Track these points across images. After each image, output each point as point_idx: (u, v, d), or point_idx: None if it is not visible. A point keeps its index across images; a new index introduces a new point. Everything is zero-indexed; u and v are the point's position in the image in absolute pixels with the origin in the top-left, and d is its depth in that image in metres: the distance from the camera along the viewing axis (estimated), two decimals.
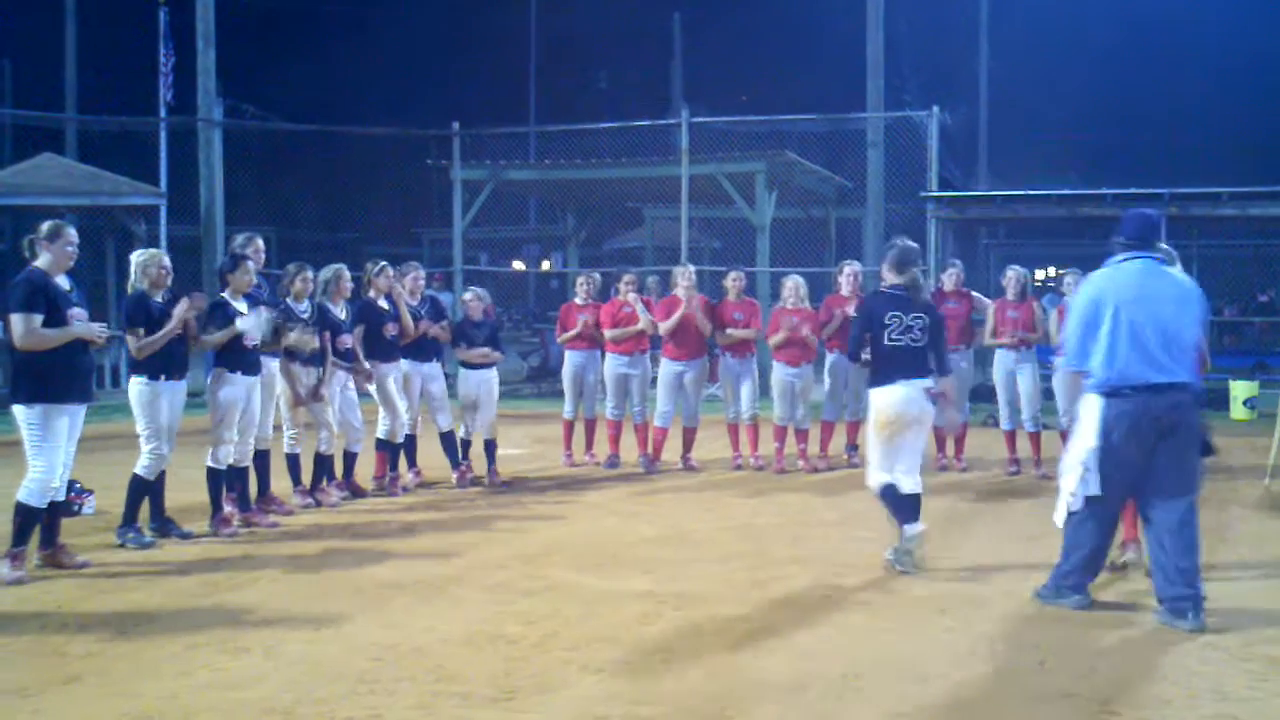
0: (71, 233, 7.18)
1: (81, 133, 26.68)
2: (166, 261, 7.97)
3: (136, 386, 7.77)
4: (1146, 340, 6.08)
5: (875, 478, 7.46)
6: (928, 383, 7.38)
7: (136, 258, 7.97)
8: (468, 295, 10.86)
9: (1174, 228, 15.79)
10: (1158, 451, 6.10)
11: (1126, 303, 6.15)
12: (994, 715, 4.86)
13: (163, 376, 7.76)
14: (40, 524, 7.09)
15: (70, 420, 7.07)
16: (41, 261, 7.07)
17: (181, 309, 7.78)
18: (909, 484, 7.38)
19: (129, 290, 7.85)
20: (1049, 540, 8.13)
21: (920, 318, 7.41)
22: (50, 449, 6.94)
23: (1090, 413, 6.24)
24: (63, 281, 7.12)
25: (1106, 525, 6.41)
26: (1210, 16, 32.54)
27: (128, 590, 6.77)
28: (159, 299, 7.81)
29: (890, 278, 7.56)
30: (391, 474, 10.00)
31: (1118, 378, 6.12)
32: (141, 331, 7.68)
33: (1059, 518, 6.49)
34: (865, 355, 7.51)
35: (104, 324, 7.29)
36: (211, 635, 5.84)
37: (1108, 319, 6.15)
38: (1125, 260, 6.34)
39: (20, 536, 6.96)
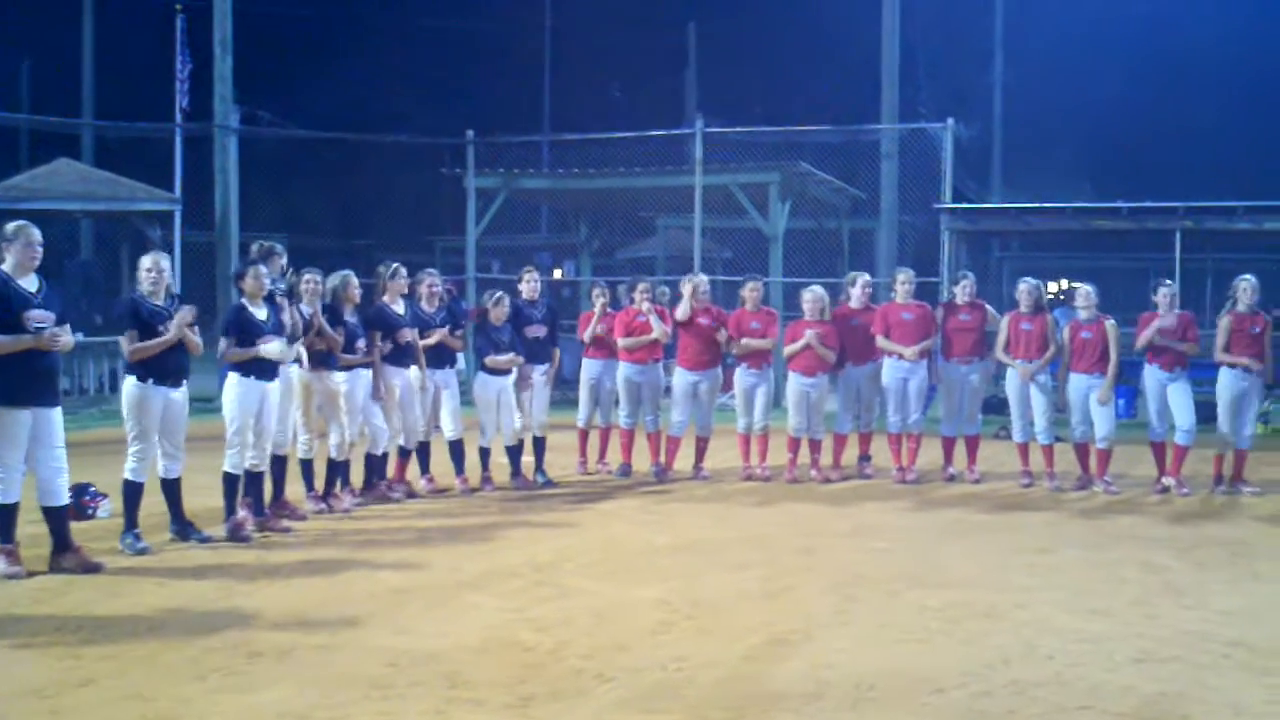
0: (34, 233, 7.09)
1: (98, 138, 26.84)
2: (164, 263, 7.98)
3: (128, 387, 7.81)
4: None
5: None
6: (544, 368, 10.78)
7: (142, 261, 8.00)
8: (491, 302, 10.51)
9: (1188, 242, 15.78)
10: None
11: None
12: None
13: (151, 380, 7.74)
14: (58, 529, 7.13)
15: (38, 422, 7.01)
16: (6, 264, 7.02)
17: (180, 319, 7.76)
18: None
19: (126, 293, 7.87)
20: (1061, 553, 8.16)
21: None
22: (5, 450, 6.90)
23: None
24: (30, 282, 7.04)
25: None
26: (1225, 30, 32.47)
27: (143, 593, 6.78)
28: (158, 303, 7.80)
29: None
30: (379, 480, 9.85)
31: None
32: (136, 334, 7.68)
33: None
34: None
35: (67, 326, 7.16)
36: (226, 639, 5.86)
37: None
38: None
39: None
